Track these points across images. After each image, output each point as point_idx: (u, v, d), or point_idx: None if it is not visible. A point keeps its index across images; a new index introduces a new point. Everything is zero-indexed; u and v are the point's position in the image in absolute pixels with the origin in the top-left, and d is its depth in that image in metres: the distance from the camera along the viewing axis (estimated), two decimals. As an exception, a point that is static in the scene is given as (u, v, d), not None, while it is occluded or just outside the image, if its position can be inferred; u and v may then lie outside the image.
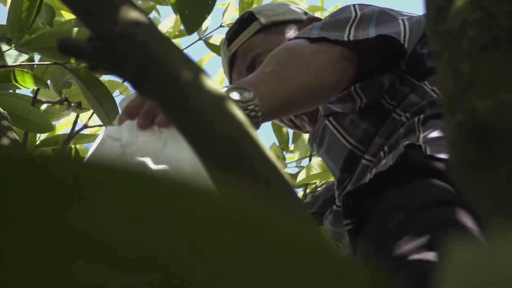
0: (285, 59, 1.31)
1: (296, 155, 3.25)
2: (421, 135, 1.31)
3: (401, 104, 1.46)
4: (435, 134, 1.30)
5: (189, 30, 0.88)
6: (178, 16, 1.89)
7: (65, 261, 0.19)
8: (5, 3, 2.47)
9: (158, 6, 2.71)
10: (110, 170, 0.18)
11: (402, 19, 1.49)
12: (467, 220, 1.13)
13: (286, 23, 1.84)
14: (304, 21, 1.85)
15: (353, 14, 1.49)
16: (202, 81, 0.60)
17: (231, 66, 1.88)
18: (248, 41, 1.83)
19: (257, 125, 1.14)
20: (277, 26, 1.83)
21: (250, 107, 1.12)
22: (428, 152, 1.23)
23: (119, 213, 0.19)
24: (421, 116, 1.37)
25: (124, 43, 0.61)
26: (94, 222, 0.19)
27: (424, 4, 0.50)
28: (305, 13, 1.90)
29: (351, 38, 1.37)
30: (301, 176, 2.85)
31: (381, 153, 1.38)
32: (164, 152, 0.85)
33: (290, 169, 3.38)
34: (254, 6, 2.60)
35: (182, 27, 2.68)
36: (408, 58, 1.46)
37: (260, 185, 0.55)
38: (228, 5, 2.56)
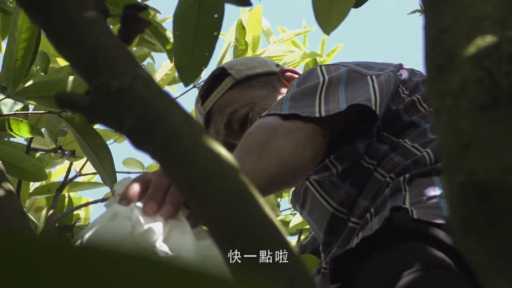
0: (263, 138, 1.30)
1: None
2: (408, 196, 1.30)
3: (382, 163, 1.45)
4: (421, 194, 1.29)
5: (186, 82, 0.88)
6: (173, 63, 1.90)
7: None
8: (0, 50, 2.47)
9: (152, 53, 2.74)
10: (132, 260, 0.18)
11: (371, 77, 1.49)
12: (457, 285, 1.11)
13: (259, 76, 1.83)
14: (278, 73, 1.85)
15: (321, 79, 1.48)
16: (201, 136, 0.60)
17: (207, 124, 1.85)
18: (223, 97, 1.81)
19: None
20: (251, 80, 1.83)
21: None
22: (415, 216, 1.21)
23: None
24: (407, 176, 1.36)
25: (121, 97, 0.61)
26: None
27: (423, 62, 0.50)
28: (277, 65, 1.90)
29: (323, 114, 1.36)
30: (295, 221, 2.83)
31: (368, 215, 1.37)
32: (170, 240, 0.88)
33: (285, 215, 3.37)
34: (247, 54, 2.61)
35: (176, 74, 2.70)
36: (383, 116, 1.45)
37: (259, 242, 0.54)
38: (225, 53, 2.58)
